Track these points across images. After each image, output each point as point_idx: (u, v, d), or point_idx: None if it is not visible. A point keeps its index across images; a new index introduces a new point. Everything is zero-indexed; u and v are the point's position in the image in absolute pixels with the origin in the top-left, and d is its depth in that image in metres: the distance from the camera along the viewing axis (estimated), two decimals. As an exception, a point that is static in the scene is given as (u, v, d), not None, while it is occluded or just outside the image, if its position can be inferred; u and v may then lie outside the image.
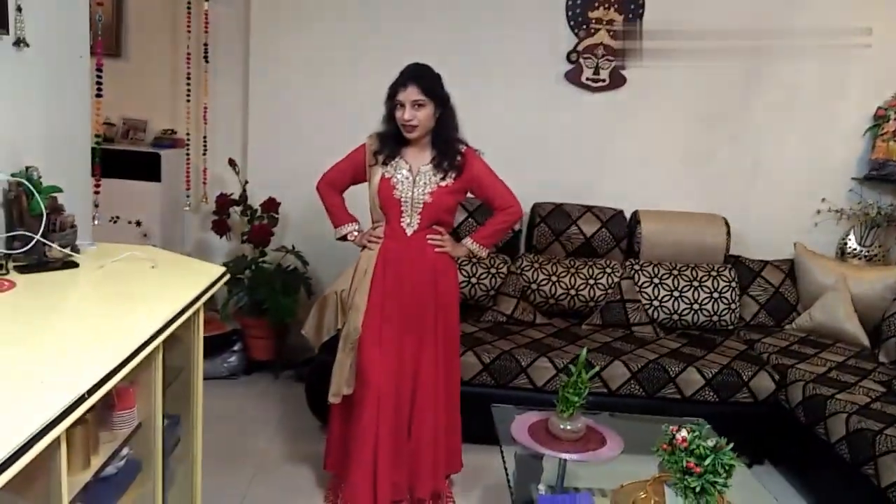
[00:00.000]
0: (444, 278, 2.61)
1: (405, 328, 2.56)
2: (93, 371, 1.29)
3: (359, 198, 2.69)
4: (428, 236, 2.55)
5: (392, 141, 2.53)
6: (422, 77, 2.45)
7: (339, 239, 2.70)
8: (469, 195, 2.69)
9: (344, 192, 2.70)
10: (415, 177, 2.51)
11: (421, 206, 2.51)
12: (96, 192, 2.66)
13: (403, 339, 2.56)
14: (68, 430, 1.20)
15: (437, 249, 2.56)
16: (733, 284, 3.66)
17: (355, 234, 2.67)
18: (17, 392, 1.21)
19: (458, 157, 2.54)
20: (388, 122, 2.52)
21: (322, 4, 3.81)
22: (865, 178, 3.97)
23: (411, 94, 2.41)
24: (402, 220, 2.53)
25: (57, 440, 1.17)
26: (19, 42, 1.99)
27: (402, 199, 2.51)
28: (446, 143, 2.53)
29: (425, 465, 2.61)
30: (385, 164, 2.53)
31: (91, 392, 1.23)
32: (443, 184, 2.51)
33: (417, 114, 2.43)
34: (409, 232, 2.54)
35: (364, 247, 2.61)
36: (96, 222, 2.63)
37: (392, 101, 2.47)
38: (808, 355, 3.33)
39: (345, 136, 2.74)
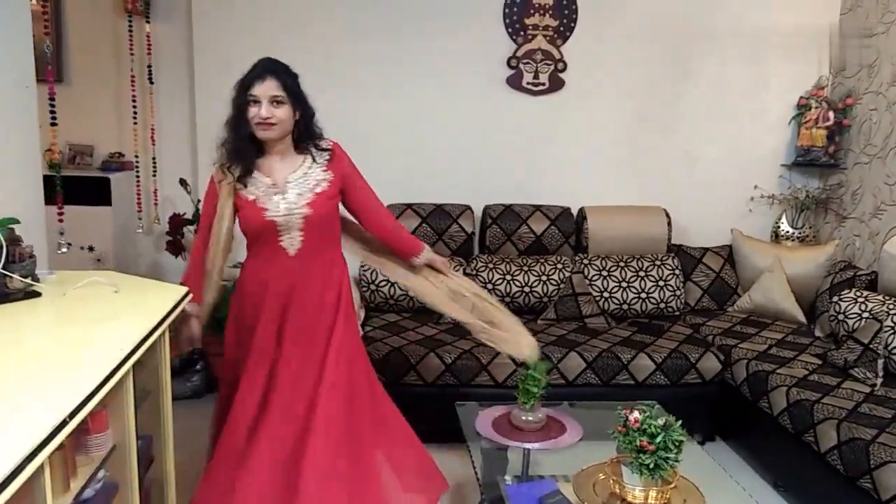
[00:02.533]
0: (331, 290, 2.32)
1: (292, 356, 2.25)
2: (70, 396, 1.33)
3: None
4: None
5: (241, 156, 2.19)
6: (281, 72, 2.15)
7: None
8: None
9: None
10: (283, 189, 2.20)
11: (301, 220, 2.21)
12: (60, 220, 2.66)
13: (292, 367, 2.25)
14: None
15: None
16: (677, 272, 3.85)
17: (194, 320, 2.31)
18: (-3, 422, 1.25)
19: (328, 155, 2.27)
20: (236, 128, 2.17)
21: (264, 18, 3.86)
22: (793, 165, 4.21)
23: (270, 88, 2.12)
24: (280, 241, 2.22)
25: (41, 466, 1.21)
26: (-34, 77, 2.00)
27: (277, 221, 2.19)
28: (314, 146, 2.26)
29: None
30: (244, 186, 2.21)
31: (72, 416, 1.28)
32: (318, 190, 2.23)
33: (276, 111, 2.13)
34: (291, 252, 2.23)
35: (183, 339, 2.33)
36: (63, 250, 2.63)
37: (244, 97, 2.14)
38: (749, 335, 3.53)
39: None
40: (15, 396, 1.35)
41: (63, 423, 1.25)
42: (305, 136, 2.25)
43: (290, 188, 2.21)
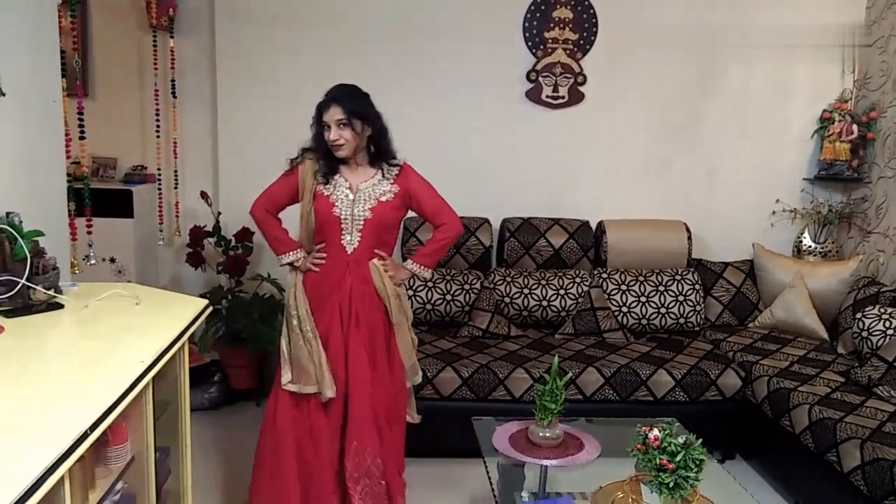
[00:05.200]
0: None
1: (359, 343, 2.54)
2: (91, 408, 1.34)
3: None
4: (372, 261, 2.54)
5: (328, 159, 2.53)
6: (343, 97, 2.46)
7: (286, 265, 2.62)
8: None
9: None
10: (355, 194, 2.51)
11: (362, 223, 2.51)
12: (89, 232, 2.69)
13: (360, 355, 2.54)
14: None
15: (388, 273, 2.55)
16: (697, 287, 3.81)
17: (301, 259, 2.59)
18: (17, 434, 1.25)
19: (397, 171, 2.57)
20: (319, 143, 2.52)
21: (286, 34, 3.90)
22: (816, 179, 4.16)
23: (334, 114, 2.44)
24: (342, 238, 2.52)
25: (62, 478, 1.22)
26: (-4, 92, 2.04)
27: (343, 217, 2.50)
28: (386, 160, 2.56)
29: None
30: (326, 182, 2.52)
31: (92, 428, 1.29)
32: (383, 199, 2.52)
33: (343, 133, 2.44)
34: (349, 250, 2.53)
35: (307, 270, 2.57)
36: (92, 262, 2.66)
37: (319, 124, 2.50)
38: (770, 351, 3.48)
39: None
40: (36, 408, 1.36)
41: (84, 436, 1.26)
42: (378, 152, 2.55)
43: (360, 194, 2.52)
